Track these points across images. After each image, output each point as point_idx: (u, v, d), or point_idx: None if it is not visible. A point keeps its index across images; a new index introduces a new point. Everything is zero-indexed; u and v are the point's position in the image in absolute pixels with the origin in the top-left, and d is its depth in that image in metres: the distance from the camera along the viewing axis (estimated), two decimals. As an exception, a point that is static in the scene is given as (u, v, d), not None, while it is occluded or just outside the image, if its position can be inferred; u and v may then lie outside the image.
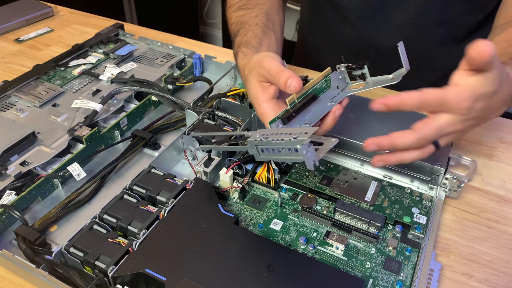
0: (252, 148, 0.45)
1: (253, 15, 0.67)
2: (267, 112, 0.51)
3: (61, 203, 0.55)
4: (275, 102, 0.52)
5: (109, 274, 0.43)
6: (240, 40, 0.63)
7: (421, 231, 0.52)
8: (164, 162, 0.60)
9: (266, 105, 0.51)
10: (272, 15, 0.69)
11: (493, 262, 0.51)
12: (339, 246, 0.51)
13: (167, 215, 0.49)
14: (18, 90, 0.72)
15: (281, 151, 0.43)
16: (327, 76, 0.53)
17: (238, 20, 0.68)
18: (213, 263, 0.45)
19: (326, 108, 0.52)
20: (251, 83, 0.53)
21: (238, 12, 0.70)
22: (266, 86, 0.52)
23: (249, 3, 0.70)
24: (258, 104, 0.52)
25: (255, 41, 0.61)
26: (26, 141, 0.62)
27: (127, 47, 0.84)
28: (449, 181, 0.56)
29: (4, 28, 0.97)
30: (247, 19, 0.67)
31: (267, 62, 0.51)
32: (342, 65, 0.54)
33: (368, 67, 0.52)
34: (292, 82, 0.48)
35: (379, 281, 0.47)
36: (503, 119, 0.73)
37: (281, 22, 0.72)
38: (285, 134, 0.41)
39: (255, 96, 0.52)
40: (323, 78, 0.53)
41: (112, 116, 0.69)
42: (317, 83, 0.52)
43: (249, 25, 0.65)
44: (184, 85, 0.79)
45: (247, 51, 0.60)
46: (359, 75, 0.54)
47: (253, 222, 0.54)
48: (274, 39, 0.65)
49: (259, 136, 0.44)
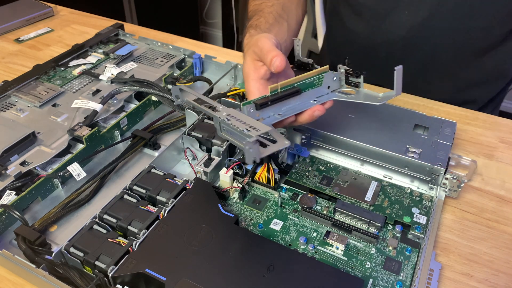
0: (216, 122, 0.46)
1: (269, 4, 0.69)
2: (252, 91, 0.53)
3: (61, 203, 0.55)
4: (262, 83, 0.53)
5: (109, 274, 0.43)
6: (251, 23, 0.64)
7: (421, 231, 0.52)
8: (164, 162, 0.60)
9: (253, 84, 0.53)
10: (288, 8, 0.70)
11: (493, 262, 0.51)
12: (339, 246, 0.51)
13: (167, 215, 0.49)
14: (18, 90, 0.72)
15: (235, 136, 0.44)
16: (321, 74, 0.53)
17: (255, 9, 0.70)
18: (213, 263, 0.45)
19: (307, 105, 0.53)
20: (246, 61, 0.55)
21: (256, 1, 0.72)
22: (259, 65, 0.53)
23: None
24: (247, 81, 0.54)
25: (265, 26, 0.63)
26: (26, 141, 0.62)
27: (127, 47, 0.84)
28: (449, 181, 0.56)
29: (4, 28, 0.97)
30: (263, 7, 0.68)
31: (261, 41, 0.53)
32: (344, 67, 0.54)
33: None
34: (275, 61, 0.49)
35: (379, 281, 0.47)
36: (503, 119, 0.73)
37: (298, 16, 0.73)
38: (243, 123, 0.43)
39: (247, 73, 0.54)
40: (316, 75, 0.53)
41: (112, 116, 0.69)
42: (308, 77, 0.52)
43: (263, 13, 0.66)
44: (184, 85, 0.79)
45: (254, 32, 0.61)
46: (354, 82, 0.55)
47: (253, 222, 0.54)
48: (285, 28, 0.66)
49: (225, 114, 0.45)
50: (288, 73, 0.57)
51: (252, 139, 0.41)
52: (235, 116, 0.45)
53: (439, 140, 0.60)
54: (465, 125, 0.71)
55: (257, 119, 0.50)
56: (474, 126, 0.71)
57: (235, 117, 0.45)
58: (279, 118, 0.51)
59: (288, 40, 0.66)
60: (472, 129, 0.70)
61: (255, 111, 0.49)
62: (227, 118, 0.45)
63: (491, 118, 0.73)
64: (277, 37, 0.61)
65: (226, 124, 0.45)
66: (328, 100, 0.53)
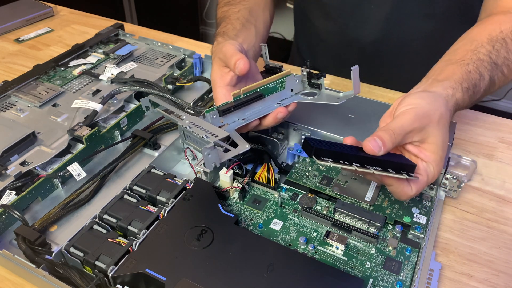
0: (180, 131, 0.47)
1: (235, 10, 0.69)
2: (219, 97, 0.54)
3: (61, 203, 0.55)
4: (229, 89, 0.54)
5: (109, 274, 0.43)
6: (219, 31, 0.65)
7: (421, 231, 0.52)
8: (164, 162, 0.60)
9: (219, 91, 0.54)
10: (256, 12, 0.71)
11: (493, 262, 0.51)
12: (339, 246, 0.51)
13: (167, 215, 0.49)
14: (18, 90, 0.72)
15: (197, 144, 0.46)
16: (284, 78, 0.54)
17: (222, 15, 0.70)
18: (213, 263, 0.45)
19: (271, 108, 0.54)
20: (213, 68, 0.56)
21: (223, 8, 0.72)
22: (225, 72, 0.55)
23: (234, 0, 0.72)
24: (214, 88, 0.55)
25: (232, 33, 0.63)
26: (26, 141, 0.62)
27: (127, 47, 0.84)
28: (449, 181, 0.56)
29: (4, 28, 0.97)
30: (230, 13, 0.69)
31: (226, 47, 0.54)
32: (306, 70, 0.56)
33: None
34: (239, 63, 0.51)
35: (379, 281, 0.47)
36: (503, 119, 0.73)
37: (266, 19, 0.73)
38: (203, 130, 0.45)
39: (213, 80, 0.55)
40: (279, 79, 0.54)
41: (112, 116, 0.69)
42: (271, 82, 0.53)
43: (230, 19, 0.67)
44: (184, 85, 0.79)
45: (221, 39, 0.62)
46: (316, 83, 0.56)
47: (253, 222, 0.54)
48: (253, 32, 0.66)
49: (187, 122, 0.47)
50: (257, 78, 0.58)
51: (209, 144, 0.42)
52: (198, 123, 0.46)
53: (439, 140, 0.60)
54: (465, 125, 0.71)
55: (221, 125, 0.51)
56: (474, 126, 0.71)
57: (197, 124, 0.46)
58: (243, 122, 0.52)
59: (256, 44, 0.66)
60: (472, 129, 0.70)
61: (219, 117, 0.51)
62: (189, 126, 0.46)
63: (491, 118, 0.73)
64: (245, 43, 0.63)
65: (188, 132, 0.46)
66: (292, 103, 0.55)
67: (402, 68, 0.84)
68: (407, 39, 0.80)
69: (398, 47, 0.81)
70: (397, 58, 0.82)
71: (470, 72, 0.54)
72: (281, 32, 2.27)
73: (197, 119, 0.47)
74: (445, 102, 0.49)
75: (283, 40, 2.28)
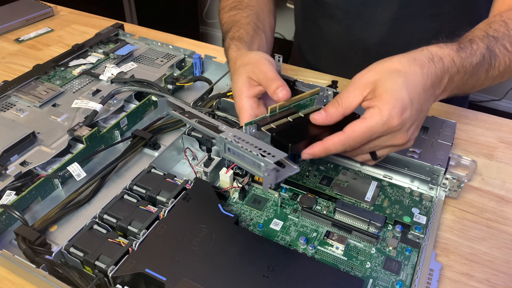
0: (220, 143, 0.46)
1: (244, 14, 0.69)
2: (245, 108, 0.53)
3: (61, 203, 0.55)
4: (255, 101, 0.54)
5: (109, 274, 0.43)
6: (233, 35, 0.64)
7: (421, 231, 0.52)
8: (164, 162, 0.60)
9: (246, 101, 0.53)
10: (262, 17, 0.70)
11: (493, 262, 0.51)
12: (339, 246, 0.51)
13: (167, 215, 0.49)
14: (18, 90, 0.72)
15: (245, 159, 0.44)
16: (314, 96, 0.54)
17: (230, 20, 0.69)
18: (213, 263, 0.45)
19: None
20: (240, 76, 0.54)
21: (230, 12, 0.71)
22: (254, 84, 0.54)
23: (240, 4, 0.72)
24: (240, 97, 0.54)
25: (247, 38, 0.63)
26: (26, 141, 0.62)
27: (127, 47, 0.84)
28: (449, 181, 0.56)
29: (4, 28, 0.97)
30: (239, 18, 0.68)
31: (264, 64, 0.53)
32: (331, 89, 0.56)
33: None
34: (281, 91, 0.50)
35: (379, 281, 0.47)
36: (503, 119, 0.73)
37: (271, 24, 0.73)
38: (255, 148, 0.43)
39: (239, 89, 0.54)
40: (309, 96, 0.54)
41: (112, 116, 0.69)
42: (302, 99, 0.53)
43: (241, 24, 0.66)
44: (184, 85, 0.79)
45: (240, 45, 0.61)
46: None
47: (253, 222, 0.54)
48: (264, 39, 0.66)
49: (231, 135, 0.45)
50: None
51: (271, 166, 0.41)
52: (243, 138, 0.45)
53: (439, 140, 0.60)
54: (465, 125, 0.71)
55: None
56: (474, 126, 0.71)
57: (243, 139, 0.45)
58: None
59: (268, 51, 0.66)
60: (472, 129, 0.70)
61: (257, 132, 0.50)
62: (235, 140, 0.44)
63: (491, 118, 0.73)
64: (260, 50, 0.62)
65: (234, 146, 0.45)
66: None
67: None
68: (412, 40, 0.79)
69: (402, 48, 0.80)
70: None
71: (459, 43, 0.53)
72: (281, 32, 2.27)
73: (239, 132, 0.46)
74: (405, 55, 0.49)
75: (283, 40, 2.28)
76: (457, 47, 0.51)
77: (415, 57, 0.48)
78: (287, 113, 0.51)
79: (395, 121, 0.45)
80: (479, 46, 0.53)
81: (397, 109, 0.45)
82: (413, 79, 0.46)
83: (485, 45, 0.53)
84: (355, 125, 0.46)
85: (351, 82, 0.49)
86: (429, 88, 0.47)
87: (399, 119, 0.45)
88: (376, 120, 0.45)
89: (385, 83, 0.46)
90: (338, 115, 0.48)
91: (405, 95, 0.45)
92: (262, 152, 0.42)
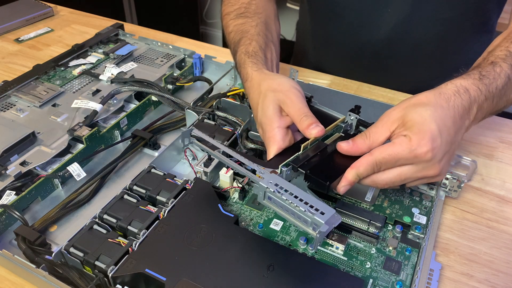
0: (260, 191, 0.45)
1: (253, 24, 0.67)
2: (277, 140, 0.51)
3: (61, 203, 0.55)
4: (286, 132, 0.52)
5: (109, 274, 0.43)
6: (246, 49, 0.62)
7: (421, 231, 0.52)
8: (164, 162, 0.60)
9: (278, 131, 0.51)
10: (270, 25, 0.70)
11: (493, 262, 0.51)
12: (339, 246, 0.50)
13: (167, 215, 0.49)
14: (18, 90, 0.72)
15: (289, 211, 0.43)
16: (339, 125, 0.54)
17: (238, 29, 0.68)
18: (213, 263, 0.45)
19: None
20: (270, 104, 0.52)
21: (237, 20, 0.69)
22: (284, 114, 0.52)
23: (247, 11, 0.70)
24: (271, 127, 0.51)
25: (261, 53, 0.62)
26: (26, 141, 0.62)
27: (127, 47, 0.84)
28: (449, 181, 0.56)
29: (4, 28, 0.97)
30: (248, 28, 0.66)
31: (296, 95, 0.51)
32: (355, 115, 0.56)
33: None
34: (314, 129, 0.49)
35: (379, 281, 0.47)
36: (503, 119, 0.73)
37: (278, 31, 0.73)
38: (302, 203, 0.42)
39: (270, 118, 0.52)
40: (335, 127, 0.54)
41: (112, 116, 0.69)
42: (330, 130, 0.53)
43: (252, 35, 0.65)
44: (184, 85, 0.79)
45: (258, 63, 0.59)
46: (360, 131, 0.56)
47: (253, 222, 0.54)
48: (274, 52, 0.65)
49: (272, 184, 0.44)
50: None
51: (325, 228, 0.40)
52: (283, 186, 0.44)
53: (439, 140, 0.60)
54: (465, 125, 0.71)
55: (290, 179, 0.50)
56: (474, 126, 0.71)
57: (285, 188, 0.43)
58: None
59: (277, 62, 0.66)
60: (472, 129, 0.70)
61: (292, 172, 0.49)
62: (278, 191, 0.43)
63: (491, 118, 0.73)
64: (273, 64, 0.62)
65: (277, 197, 0.43)
66: None
67: (413, 69, 0.84)
68: (420, 42, 0.79)
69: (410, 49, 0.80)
70: (409, 60, 0.82)
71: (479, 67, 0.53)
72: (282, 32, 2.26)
73: (278, 179, 0.45)
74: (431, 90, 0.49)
75: (283, 40, 2.28)
76: (479, 75, 0.51)
77: (441, 91, 0.49)
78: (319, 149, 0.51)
79: (423, 150, 0.45)
80: (502, 68, 0.53)
81: (426, 139, 0.45)
82: (441, 112, 0.46)
83: (508, 65, 0.53)
84: (382, 147, 0.47)
85: (380, 118, 0.49)
86: (457, 120, 0.48)
87: (428, 148, 0.45)
88: (404, 147, 0.45)
89: (413, 117, 0.46)
90: (365, 147, 0.48)
91: (434, 126, 0.45)
92: (309, 208, 0.41)
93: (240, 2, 0.72)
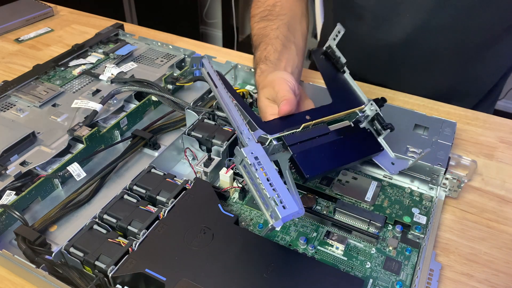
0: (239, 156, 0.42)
1: (274, 27, 0.67)
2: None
3: (61, 203, 0.55)
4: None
5: (109, 274, 0.43)
6: (260, 55, 0.64)
7: (421, 231, 0.52)
8: (164, 162, 0.60)
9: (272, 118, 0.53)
10: (293, 26, 0.69)
11: (493, 262, 0.51)
12: (339, 246, 0.51)
13: (167, 215, 0.49)
14: (18, 90, 0.72)
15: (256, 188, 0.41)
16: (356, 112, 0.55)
17: (260, 33, 0.69)
18: (213, 263, 0.45)
19: None
20: (259, 99, 0.57)
21: (260, 23, 0.70)
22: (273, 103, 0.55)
23: (271, 14, 0.70)
24: (265, 118, 0.54)
25: (273, 57, 0.62)
26: (26, 141, 0.62)
27: (127, 47, 0.84)
28: (449, 181, 0.56)
29: (4, 28, 0.97)
30: (268, 31, 0.67)
31: (278, 83, 0.54)
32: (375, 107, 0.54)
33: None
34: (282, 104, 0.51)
35: (379, 281, 0.47)
36: (503, 119, 0.73)
37: (304, 31, 0.72)
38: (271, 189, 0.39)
39: (264, 110, 0.55)
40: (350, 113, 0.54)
41: (112, 116, 0.69)
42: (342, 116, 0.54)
43: (270, 39, 0.65)
44: (184, 85, 0.79)
45: (264, 67, 0.62)
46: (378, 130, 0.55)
47: (253, 222, 0.54)
48: (294, 51, 0.65)
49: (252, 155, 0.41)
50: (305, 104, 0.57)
51: (278, 223, 0.38)
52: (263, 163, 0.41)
53: (439, 140, 0.60)
54: (465, 125, 0.71)
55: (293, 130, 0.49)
56: (474, 126, 0.71)
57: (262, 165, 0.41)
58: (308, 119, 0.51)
59: (299, 64, 0.65)
60: (472, 129, 0.70)
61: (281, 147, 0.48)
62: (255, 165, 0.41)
63: (491, 118, 0.73)
64: (288, 66, 0.62)
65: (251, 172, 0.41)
66: None
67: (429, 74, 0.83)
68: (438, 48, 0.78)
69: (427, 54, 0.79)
70: (425, 65, 0.81)
71: None
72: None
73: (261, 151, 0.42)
74: None
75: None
76: None
77: None
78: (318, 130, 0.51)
79: None
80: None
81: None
82: None
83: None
84: None
85: None
86: None
87: None
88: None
89: None
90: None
91: None
92: (275, 197, 0.39)
93: (266, 5, 0.72)
